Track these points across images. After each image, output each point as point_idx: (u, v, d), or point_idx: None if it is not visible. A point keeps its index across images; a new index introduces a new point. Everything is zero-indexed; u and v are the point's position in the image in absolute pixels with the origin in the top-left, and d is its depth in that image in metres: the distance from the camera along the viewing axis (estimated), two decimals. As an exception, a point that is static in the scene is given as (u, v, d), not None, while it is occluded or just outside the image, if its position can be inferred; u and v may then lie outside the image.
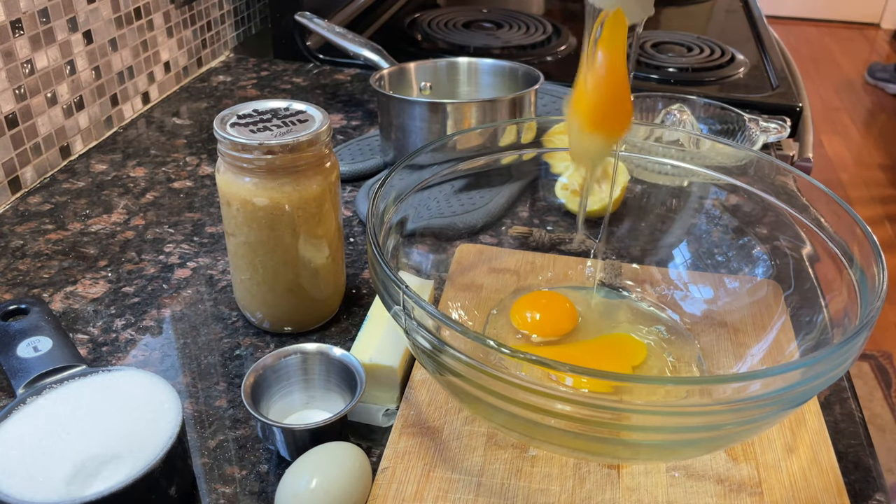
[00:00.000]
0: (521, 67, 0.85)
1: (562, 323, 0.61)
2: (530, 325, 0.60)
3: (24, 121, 0.78)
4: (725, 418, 0.41)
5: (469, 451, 0.50)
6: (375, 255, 0.47)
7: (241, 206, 0.55)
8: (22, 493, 0.41)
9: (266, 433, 0.51)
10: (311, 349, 0.53)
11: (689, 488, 0.48)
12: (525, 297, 0.63)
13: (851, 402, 0.56)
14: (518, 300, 0.63)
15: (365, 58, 0.90)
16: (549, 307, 0.62)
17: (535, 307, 0.62)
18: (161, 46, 1.00)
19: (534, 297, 0.63)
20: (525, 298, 0.63)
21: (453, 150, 0.61)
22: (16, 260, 0.69)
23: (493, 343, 0.41)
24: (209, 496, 0.49)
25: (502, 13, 1.33)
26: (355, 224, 0.76)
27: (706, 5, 1.48)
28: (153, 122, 0.95)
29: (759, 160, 0.60)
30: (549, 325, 0.60)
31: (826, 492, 0.48)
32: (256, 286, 0.59)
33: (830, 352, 0.41)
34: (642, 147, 0.67)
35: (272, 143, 0.52)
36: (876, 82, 3.45)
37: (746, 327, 0.59)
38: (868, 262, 0.48)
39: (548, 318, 0.61)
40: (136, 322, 0.62)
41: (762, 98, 1.03)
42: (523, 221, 0.74)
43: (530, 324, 0.60)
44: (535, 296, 0.64)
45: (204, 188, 0.81)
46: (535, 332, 0.60)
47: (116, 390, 0.48)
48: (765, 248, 0.60)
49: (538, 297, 0.64)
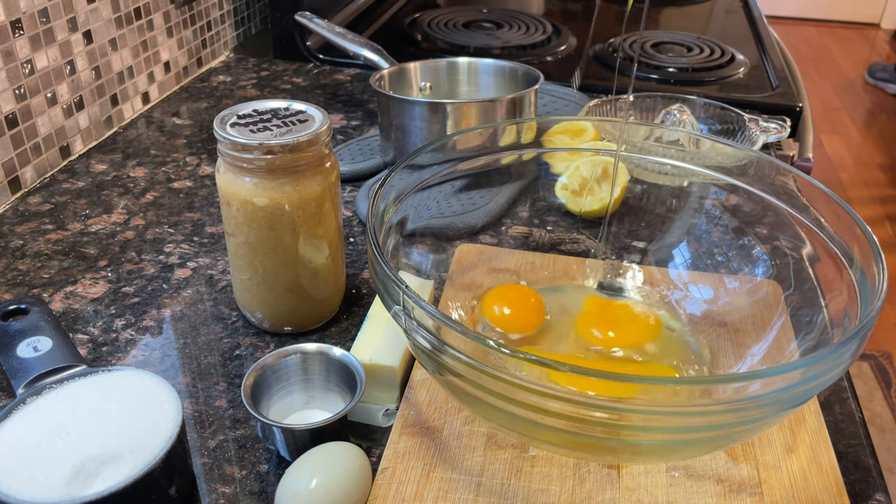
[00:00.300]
0: (521, 67, 0.85)
1: (529, 319, 0.61)
2: (499, 320, 0.60)
3: (24, 121, 0.78)
4: (725, 418, 0.41)
5: (469, 451, 0.50)
6: (375, 255, 0.47)
7: (241, 206, 0.55)
8: (22, 494, 0.41)
9: (266, 433, 0.51)
10: (311, 349, 0.53)
11: (689, 488, 0.48)
12: (494, 291, 0.63)
13: (851, 402, 0.56)
14: (487, 294, 0.63)
15: (365, 58, 0.90)
16: (517, 302, 0.62)
17: (504, 301, 0.62)
18: (161, 46, 1.00)
19: (502, 291, 0.63)
20: (494, 292, 0.63)
21: (453, 150, 0.61)
22: (16, 260, 0.69)
23: (493, 343, 0.41)
24: (209, 496, 0.49)
25: (502, 13, 1.33)
26: (355, 224, 0.76)
27: (706, 5, 1.48)
28: (153, 122, 0.95)
29: (759, 160, 0.60)
30: (518, 321, 0.60)
31: (826, 492, 0.48)
32: (256, 286, 0.58)
33: (830, 352, 0.41)
34: (642, 147, 0.67)
35: (272, 143, 0.52)
36: (876, 82, 3.45)
37: (746, 327, 0.59)
38: (868, 262, 0.48)
39: (517, 314, 0.61)
40: (136, 322, 0.62)
41: (762, 98, 1.03)
42: (523, 221, 0.74)
43: (499, 318, 0.60)
44: (504, 290, 0.64)
45: (204, 188, 0.81)
46: (506, 328, 0.60)
47: (116, 390, 0.48)
48: (765, 248, 0.60)
49: (506, 290, 0.63)
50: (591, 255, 0.69)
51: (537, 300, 0.62)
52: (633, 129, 0.69)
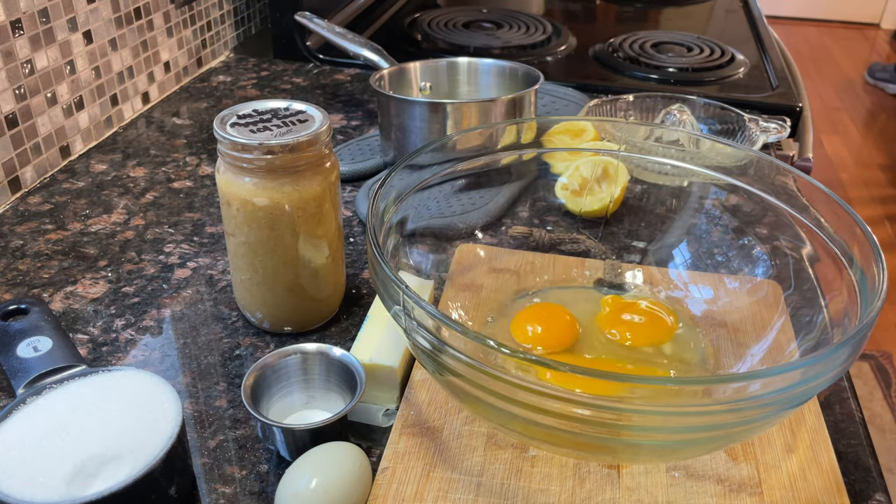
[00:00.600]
0: (521, 67, 0.85)
1: (565, 336, 0.60)
2: (532, 339, 0.59)
3: (24, 121, 0.78)
4: (725, 418, 0.41)
5: (469, 451, 0.50)
6: (375, 255, 0.47)
7: (241, 206, 0.55)
8: (22, 494, 0.41)
9: (266, 433, 0.51)
10: (311, 349, 0.53)
11: (689, 488, 0.48)
12: (526, 310, 0.62)
13: (851, 402, 0.56)
14: (519, 313, 0.62)
15: (365, 58, 0.90)
16: (550, 320, 0.61)
17: (537, 320, 0.61)
18: (161, 46, 1.00)
19: (535, 310, 0.62)
20: (526, 311, 0.62)
21: (453, 150, 0.61)
22: (16, 260, 0.69)
23: (493, 343, 0.41)
24: (209, 496, 0.49)
25: (502, 13, 1.33)
26: (355, 224, 0.76)
27: (706, 5, 1.48)
28: (153, 122, 0.95)
29: (759, 160, 0.60)
30: (553, 338, 0.59)
31: (826, 492, 0.48)
32: (256, 286, 0.58)
33: (830, 352, 0.41)
34: (642, 147, 0.67)
35: (272, 143, 0.52)
36: (876, 82, 3.45)
37: (746, 327, 0.59)
38: (868, 262, 0.48)
39: (551, 332, 0.60)
40: (136, 322, 0.62)
41: (762, 98, 1.03)
42: (523, 221, 0.74)
43: (532, 337, 0.59)
44: (537, 308, 0.63)
45: (204, 188, 0.81)
46: (539, 345, 0.59)
47: (116, 390, 0.48)
48: (765, 248, 0.60)
49: (539, 309, 0.63)
50: (591, 255, 0.69)
51: (571, 317, 0.61)
52: (633, 129, 0.69)
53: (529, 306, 0.63)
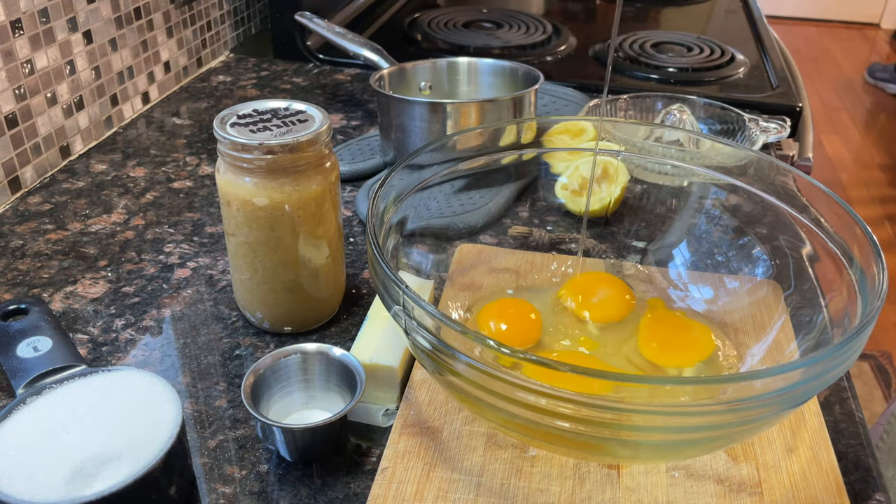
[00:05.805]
0: (521, 67, 0.85)
1: (528, 333, 0.59)
2: (496, 335, 0.59)
3: (24, 121, 0.78)
4: (725, 418, 0.41)
5: (469, 451, 0.50)
6: (375, 255, 0.47)
7: (241, 206, 0.55)
8: (22, 493, 0.41)
9: (266, 433, 0.51)
10: (311, 349, 0.53)
11: (689, 488, 0.48)
12: (490, 306, 0.62)
13: (851, 402, 0.56)
14: (483, 308, 0.61)
15: (365, 58, 0.90)
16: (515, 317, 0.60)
17: (501, 317, 0.60)
18: (161, 46, 1.00)
19: (499, 306, 0.62)
20: (490, 307, 0.62)
21: (453, 150, 0.61)
22: (16, 260, 0.69)
23: (493, 343, 0.41)
24: (209, 496, 0.49)
25: (502, 13, 1.33)
26: (355, 224, 0.76)
27: (706, 5, 1.48)
28: (153, 122, 0.95)
29: (759, 160, 0.60)
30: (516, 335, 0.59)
31: (826, 491, 0.48)
32: (256, 286, 0.58)
33: (830, 352, 0.41)
34: (642, 147, 0.67)
35: (272, 143, 0.52)
36: (876, 82, 3.45)
37: (746, 327, 0.59)
38: (868, 262, 0.48)
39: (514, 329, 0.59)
40: (136, 322, 0.62)
41: (762, 98, 1.03)
42: (523, 221, 0.74)
43: (495, 334, 0.59)
44: (501, 304, 0.62)
45: (204, 188, 0.81)
46: None
47: (116, 390, 0.48)
48: (765, 248, 0.60)
49: (504, 305, 0.62)
50: (590, 255, 0.69)
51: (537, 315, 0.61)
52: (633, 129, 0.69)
53: (490, 303, 0.63)
